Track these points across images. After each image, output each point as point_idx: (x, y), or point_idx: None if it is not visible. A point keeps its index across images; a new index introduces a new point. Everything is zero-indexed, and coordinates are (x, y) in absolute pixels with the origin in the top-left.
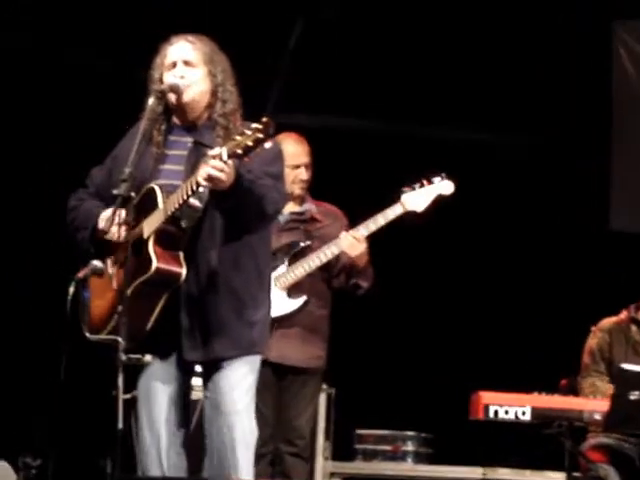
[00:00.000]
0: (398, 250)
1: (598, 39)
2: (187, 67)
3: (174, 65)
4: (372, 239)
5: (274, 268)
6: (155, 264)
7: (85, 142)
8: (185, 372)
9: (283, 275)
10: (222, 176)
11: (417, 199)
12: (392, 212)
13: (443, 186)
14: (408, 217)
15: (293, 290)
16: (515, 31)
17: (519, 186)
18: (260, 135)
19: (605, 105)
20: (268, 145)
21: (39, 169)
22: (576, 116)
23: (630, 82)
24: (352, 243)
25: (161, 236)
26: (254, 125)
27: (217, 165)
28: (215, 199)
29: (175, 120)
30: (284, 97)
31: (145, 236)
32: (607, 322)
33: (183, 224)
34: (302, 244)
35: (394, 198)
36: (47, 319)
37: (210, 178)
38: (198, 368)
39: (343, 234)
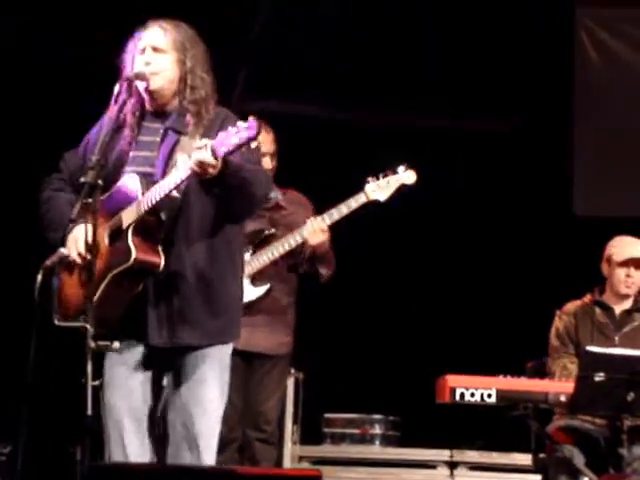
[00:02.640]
0: (367, 236)
1: (561, 25)
2: (155, 53)
3: (143, 50)
4: (341, 225)
5: None
6: (134, 255)
7: (53, 126)
8: (153, 360)
9: (247, 263)
10: (208, 169)
11: (380, 189)
12: (355, 201)
13: (406, 176)
14: (371, 206)
15: (257, 277)
16: (478, 17)
17: (483, 172)
18: (245, 134)
19: (568, 91)
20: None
21: (7, 155)
22: (539, 102)
23: (592, 68)
24: (314, 231)
25: (140, 227)
26: (240, 123)
27: (207, 159)
28: (205, 187)
29: (147, 106)
30: (253, 83)
31: (124, 226)
32: (572, 305)
33: (162, 215)
34: (267, 232)
35: (358, 188)
36: (16, 307)
37: (198, 170)
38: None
39: (307, 222)
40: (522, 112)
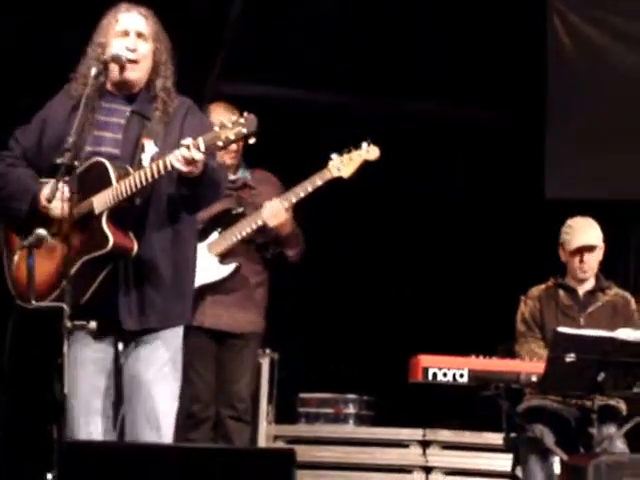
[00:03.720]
0: (342, 216)
1: (535, 13)
2: (139, 39)
3: (126, 34)
4: (317, 205)
5: (208, 235)
6: (112, 241)
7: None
8: (116, 342)
9: (216, 242)
10: (195, 166)
11: (343, 165)
12: (319, 178)
13: (369, 151)
14: (336, 182)
15: (226, 256)
16: (449, 5)
17: (455, 156)
18: (244, 130)
19: (542, 77)
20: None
21: None
22: (513, 88)
23: (564, 52)
24: (272, 213)
25: (113, 212)
26: (235, 118)
27: (195, 155)
28: (180, 186)
29: (110, 87)
30: (225, 66)
31: (97, 212)
32: (536, 290)
33: (137, 201)
34: (234, 211)
35: (322, 164)
36: None
37: (184, 168)
38: None
39: (265, 204)
40: (495, 98)
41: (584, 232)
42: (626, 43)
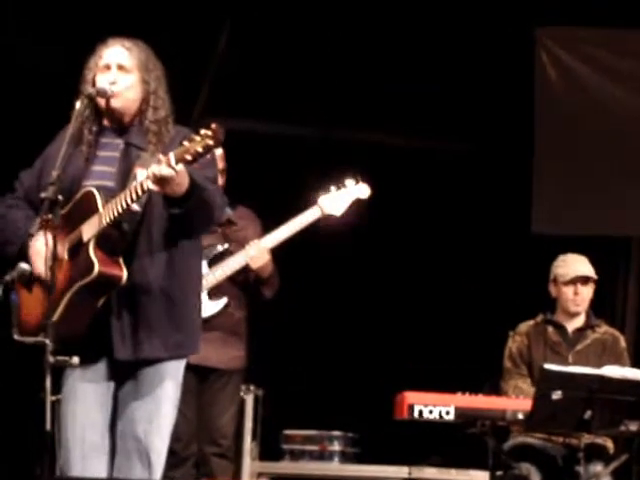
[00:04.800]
0: (325, 252)
1: (523, 46)
2: (121, 72)
3: (108, 68)
4: (300, 240)
5: None
6: (97, 268)
7: (16, 147)
8: (114, 374)
9: (204, 278)
10: (168, 182)
11: (335, 202)
12: (310, 215)
13: (359, 189)
14: (325, 221)
15: (213, 293)
16: (437, 37)
17: (443, 190)
18: (210, 142)
19: (529, 111)
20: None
21: None
22: (500, 122)
23: (552, 88)
24: (255, 256)
25: (101, 240)
26: (203, 131)
27: (164, 171)
28: (170, 205)
29: (106, 122)
30: (210, 101)
31: (85, 239)
32: (524, 326)
33: (125, 227)
34: (220, 247)
35: (310, 202)
36: None
37: (157, 182)
38: None
39: (249, 245)
40: (483, 132)
41: (579, 264)
42: (613, 79)
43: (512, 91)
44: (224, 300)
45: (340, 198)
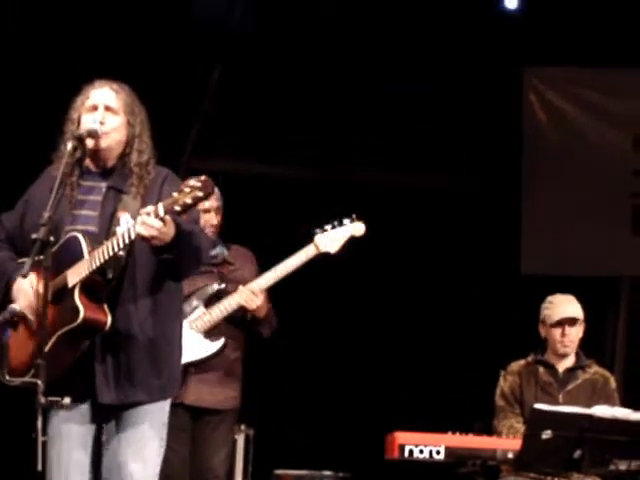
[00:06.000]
0: (312, 290)
1: (509, 86)
2: (108, 113)
3: (95, 108)
4: (292, 277)
5: (191, 311)
6: (82, 314)
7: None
8: (97, 417)
9: (200, 318)
10: (156, 233)
11: (330, 240)
12: (305, 254)
13: (354, 227)
14: (320, 259)
15: (210, 333)
16: (424, 76)
17: (433, 230)
18: (199, 193)
19: (518, 151)
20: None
21: None
22: (491, 161)
23: (540, 128)
24: (249, 297)
25: (86, 286)
26: (192, 182)
27: (152, 222)
28: (156, 252)
29: (89, 165)
30: (201, 141)
31: (70, 285)
32: (516, 365)
33: (109, 274)
34: (217, 287)
35: (306, 240)
36: None
37: (146, 234)
38: None
39: (240, 288)
40: (472, 172)
41: (566, 305)
42: (600, 118)
43: (502, 131)
44: (222, 341)
45: (336, 236)
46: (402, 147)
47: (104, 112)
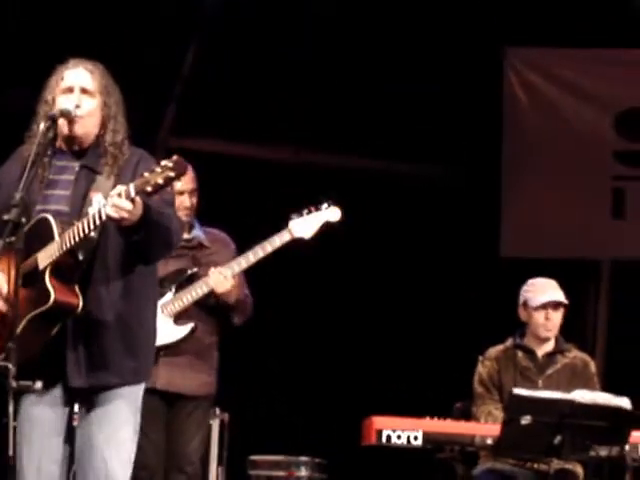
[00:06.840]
0: (289, 275)
1: (491, 68)
2: (84, 95)
3: (70, 90)
4: (267, 262)
5: (161, 295)
6: (53, 297)
7: None
8: (69, 401)
9: (170, 302)
10: (126, 215)
11: (305, 226)
12: (279, 239)
13: (330, 213)
14: (296, 244)
15: (181, 317)
16: (402, 59)
17: (412, 215)
18: (171, 173)
19: (498, 134)
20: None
21: None
22: (470, 145)
23: (521, 109)
24: (219, 281)
25: (57, 268)
26: (164, 163)
27: (123, 204)
28: (124, 234)
29: (61, 144)
30: (177, 121)
31: (40, 268)
32: (494, 350)
33: (80, 256)
34: (189, 271)
35: (282, 225)
36: None
37: (116, 216)
38: None
39: (211, 271)
40: (452, 156)
41: (548, 289)
42: (580, 98)
43: (481, 113)
44: (190, 325)
45: (310, 221)
46: (382, 133)
47: (80, 94)
